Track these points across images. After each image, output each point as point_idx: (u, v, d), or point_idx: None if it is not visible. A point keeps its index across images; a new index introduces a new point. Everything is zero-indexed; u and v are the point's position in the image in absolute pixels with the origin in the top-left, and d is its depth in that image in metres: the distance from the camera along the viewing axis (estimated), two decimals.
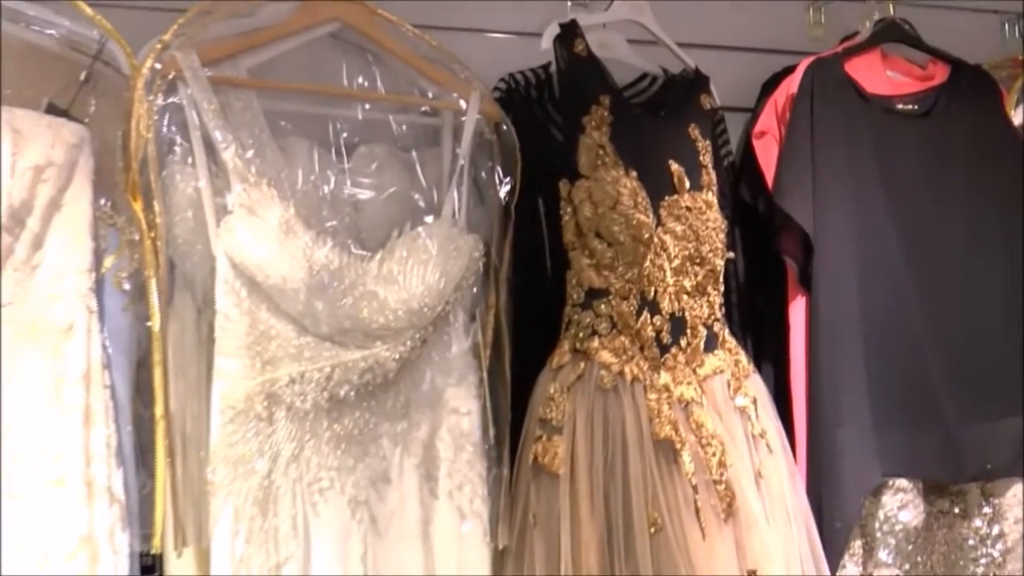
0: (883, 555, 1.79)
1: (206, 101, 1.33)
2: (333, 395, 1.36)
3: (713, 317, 1.69)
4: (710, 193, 1.71)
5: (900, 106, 1.97)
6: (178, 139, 1.36)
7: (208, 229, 1.32)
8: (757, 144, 1.88)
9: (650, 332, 1.58)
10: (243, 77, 1.42)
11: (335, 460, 1.37)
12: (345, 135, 1.52)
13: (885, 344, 1.81)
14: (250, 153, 1.36)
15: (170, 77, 1.35)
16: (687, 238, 1.64)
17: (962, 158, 1.94)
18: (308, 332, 1.35)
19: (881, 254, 1.83)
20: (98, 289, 1.28)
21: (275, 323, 1.33)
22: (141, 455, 1.30)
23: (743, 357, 1.73)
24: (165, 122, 1.35)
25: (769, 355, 1.88)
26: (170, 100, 1.35)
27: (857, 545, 1.78)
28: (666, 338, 1.60)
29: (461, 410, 1.50)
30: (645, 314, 1.58)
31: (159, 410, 1.29)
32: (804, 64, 1.88)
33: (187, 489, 1.30)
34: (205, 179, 1.34)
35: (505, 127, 1.61)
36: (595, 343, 1.55)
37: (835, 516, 1.72)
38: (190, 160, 1.35)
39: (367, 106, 1.53)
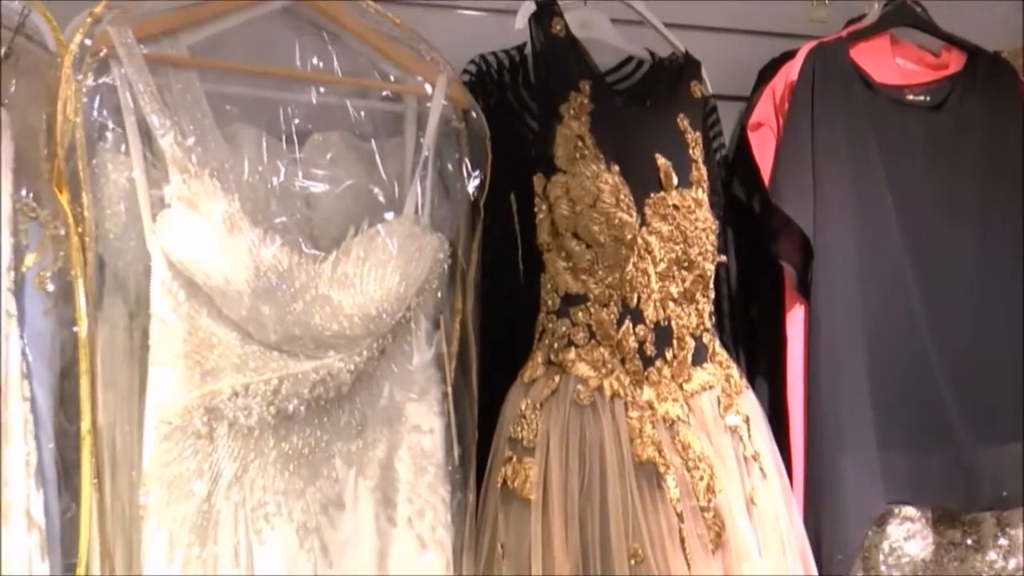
0: None
1: (142, 82, 1.34)
2: (281, 410, 1.37)
3: (702, 327, 1.72)
4: (700, 190, 1.74)
5: (910, 97, 2.01)
6: (110, 124, 1.36)
7: (143, 224, 1.32)
8: (753, 137, 1.91)
9: (632, 343, 1.61)
10: (183, 56, 1.43)
11: (282, 482, 1.38)
12: (297, 122, 1.53)
13: (890, 359, 1.85)
14: (191, 140, 1.37)
15: (101, 55, 1.34)
16: (674, 239, 1.67)
17: (977, 155, 1.98)
18: (253, 340, 1.35)
19: (887, 260, 1.87)
20: (17, 290, 1.28)
21: (217, 330, 1.33)
22: (65, 475, 1.30)
23: (735, 371, 1.77)
24: (96, 105, 1.35)
25: (764, 369, 1.92)
26: (101, 80, 1.35)
27: None
28: (650, 350, 1.63)
29: (423, 428, 1.52)
30: (627, 323, 1.61)
31: (85, 425, 1.29)
32: (805, 49, 1.92)
33: (116, 513, 1.30)
34: (140, 169, 1.34)
35: (474, 114, 1.63)
36: (571, 354, 1.57)
37: (835, 547, 1.75)
38: (123, 147, 1.35)
39: (322, 90, 1.55)
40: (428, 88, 1.59)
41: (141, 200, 1.33)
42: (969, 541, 1.94)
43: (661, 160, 1.69)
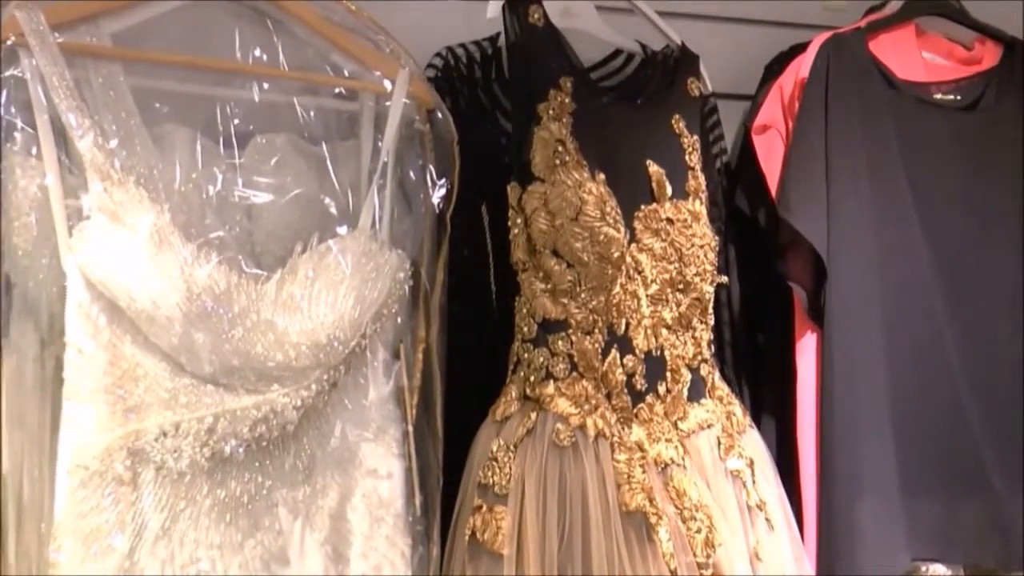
0: None
1: (56, 75, 1.33)
2: (216, 452, 1.37)
3: (700, 357, 1.74)
4: (697, 202, 1.77)
5: (938, 96, 2.04)
6: (19, 123, 1.35)
7: (57, 239, 1.32)
8: (758, 141, 1.94)
9: (620, 375, 1.63)
10: (105, 46, 1.42)
11: (218, 535, 1.38)
12: (237, 122, 1.52)
13: (916, 395, 1.88)
14: (113, 143, 1.36)
15: (8, 43, 1.33)
16: (668, 258, 1.69)
17: (1016, 163, 2.01)
18: (185, 372, 1.35)
19: (911, 282, 1.90)
20: None
21: (142, 360, 1.33)
22: None
23: (737, 408, 1.79)
24: (2, 101, 1.34)
25: (771, 406, 1.95)
26: (9, 72, 1.33)
27: None
28: (640, 383, 1.65)
29: (380, 472, 1.52)
30: (613, 353, 1.63)
31: None
32: (818, 41, 1.95)
33: (22, 571, 1.30)
34: (54, 175, 1.33)
35: (440, 115, 1.64)
36: (550, 388, 1.59)
37: None
38: (34, 150, 1.34)
39: (265, 86, 1.55)
40: (387, 84, 1.59)
41: (55, 211, 1.32)
42: None
43: (653, 167, 1.72)
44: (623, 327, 1.63)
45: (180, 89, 1.50)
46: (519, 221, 1.62)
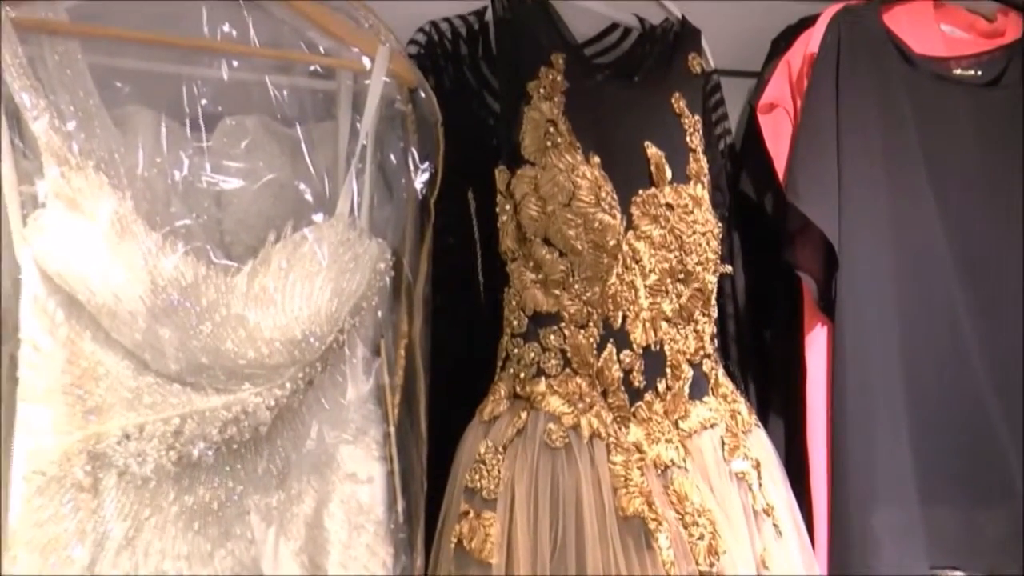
0: None
1: (9, 52, 1.32)
2: (183, 456, 1.37)
3: (702, 352, 1.75)
4: (699, 186, 1.77)
5: (958, 71, 2.04)
6: None
7: (11, 228, 1.32)
8: (764, 120, 1.94)
9: (616, 372, 1.63)
10: (62, 21, 1.42)
11: (185, 545, 1.38)
12: (204, 103, 1.53)
13: (935, 393, 1.88)
14: (71, 125, 1.36)
15: None
16: (668, 246, 1.70)
17: None
18: (150, 370, 1.35)
19: (929, 272, 1.91)
20: None
21: (103, 357, 1.33)
22: None
23: (742, 406, 1.80)
24: None
25: (778, 404, 1.95)
26: None
27: None
28: (638, 380, 1.66)
29: (359, 476, 1.53)
30: (609, 347, 1.63)
31: None
32: (828, 14, 1.95)
33: None
34: (7, 159, 1.33)
35: (423, 94, 1.65)
36: (541, 386, 1.59)
37: None
38: None
39: (235, 63, 1.55)
40: (366, 62, 1.59)
41: (8, 198, 1.32)
42: None
43: (652, 149, 1.72)
44: (620, 320, 1.63)
45: (143, 67, 1.50)
46: (508, 207, 1.62)
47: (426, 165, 1.63)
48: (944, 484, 1.87)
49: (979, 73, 2.05)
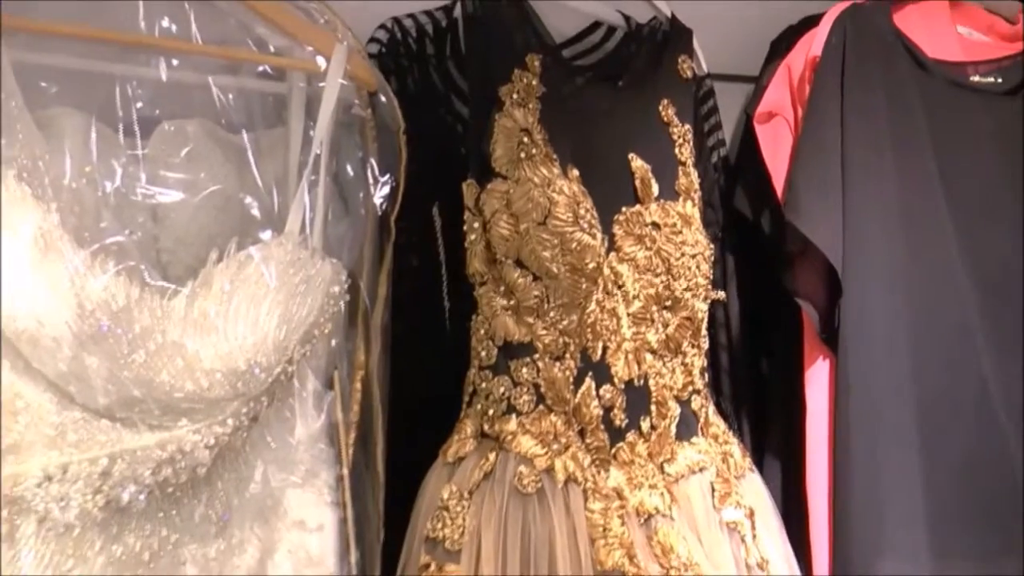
0: None
1: None
2: (112, 500, 1.36)
3: (691, 388, 1.76)
4: (689, 203, 1.79)
5: (976, 78, 2.06)
6: None
7: None
8: (762, 131, 1.96)
9: (595, 409, 1.64)
10: None
11: None
12: (140, 105, 1.53)
13: (950, 434, 1.89)
14: None
15: None
16: (653, 269, 1.71)
17: None
18: (75, 404, 1.34)
19: (943, 300, 1.91)
20: None
21: (23, 389, 1.32)
22: None
23: (736, 448, 1.80)
24: None
25: (775, 446, 1.96)
26: None
27: None
28: (620, 418, 1.67)
29: (308, 524, 1.53)
30: (588, 382, 1.64)
31: None
32: (833, 13, 1.97)
33: None
34: None
35: (384, 98, 1.65)
36: (512, 425, 1.59)
37: None
38: None
39: (175, 62, 1.55)
40: (321, 62, 1.60)
41: None
42: None
43: (637, 162, 1.74)
44: (599, 352, 1.65)
45: (71, 65, 1.49)
46: (477, 225, 1.63)
47: (387, 177, 1.63)
48: (959, 535, 1.87)
49: (999, 80, 2.07)
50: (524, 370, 1.60)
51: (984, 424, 1.91)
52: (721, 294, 1.84)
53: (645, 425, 1.69)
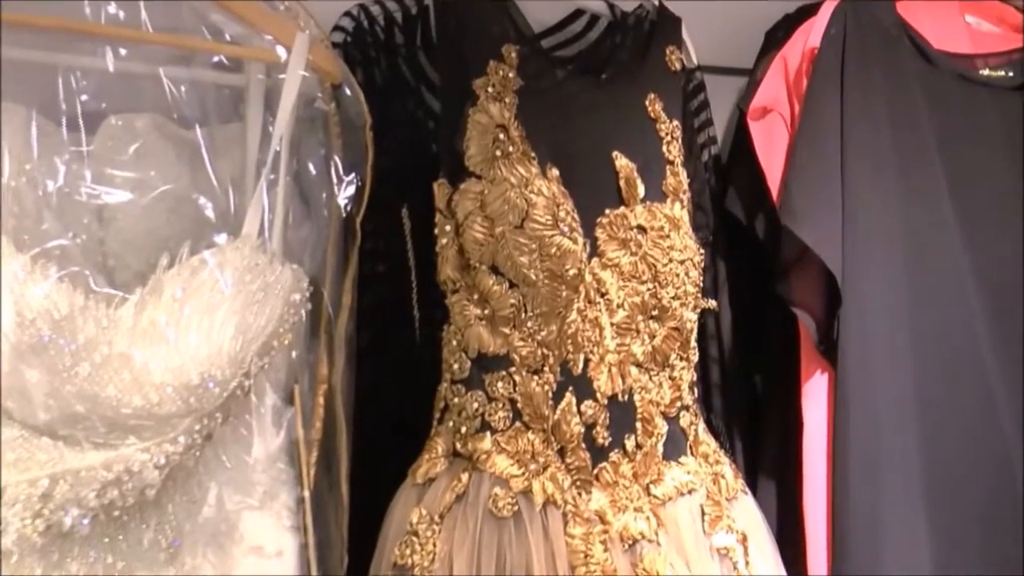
0: None
1: None
2: (53, 525, 1.35)
3: (680, 403, 1.77)
4: (677, 205, 1.79)
5: (986, 72, 2.08)
6: None
7: None
8: (756, 128, 1.96)
9: (576, 426, 1.64)
10: None
11: None
12: (85, 98, 1.53)
13: (956, 454, 1.90)
14: None
15: None
16: (639, 276, 1.71)
17: None
18: (13, 421, 1.34)
19: (950, 309, 1.93)
20: None
21: None
22: None
23: (727, 468, 1.81)
24: None
25: (770, 466, 1.96)
26: None
27: None
28: (602, 437, 1.67)
29: (267, 550, 1.53)
30: (568, 397, 1.64)
31: None
32: (833, 2, 1.98)
33: None
34: None
35: (349, 91, 1.66)
36: (486, 443, 1.59)
37: None
38: None
39: (122, 52, 1.55)
40: (281, 52, 1.60)
41: None
42: None
43: (621, 161, 1.74)
44: (581, 365, 1.65)
45: (10, 55, 1.48)
46: (448, 228, 1.63)
47: (352, 177, 1.64)
48: (963, 560, 1.88)
49: (1010, 74, 2.08)
50: (499, 384, 1.61)
51: (990, 442, 1.92)
52: (712, 303, 1.84)
53: (630, 444, 1.69)
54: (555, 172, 1.63)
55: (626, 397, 1.69)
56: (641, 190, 1.74)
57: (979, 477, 1.91)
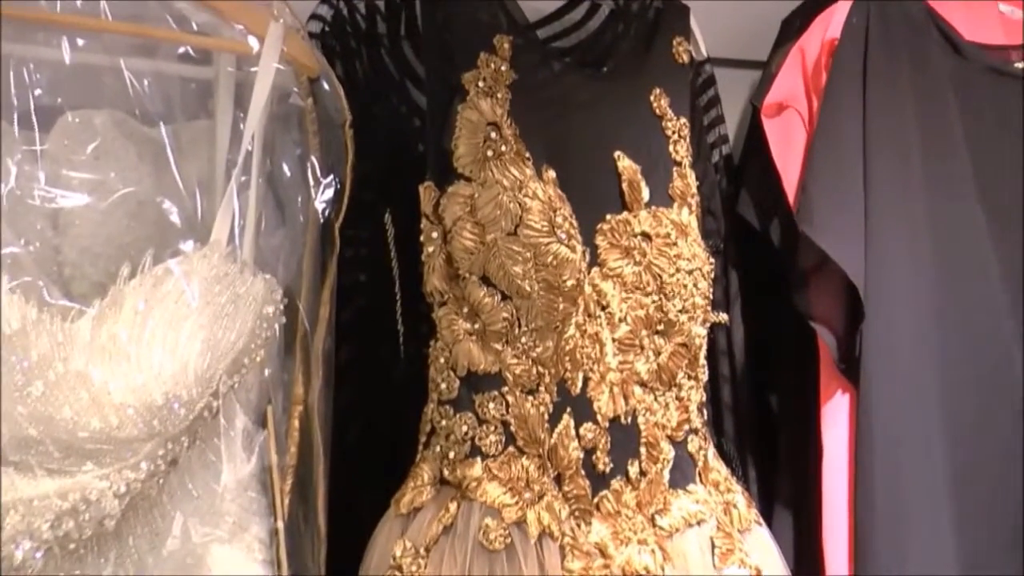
0: None
1: None
2: (5, 558, 1.35)
3: (688, 426, 1.77)
4: (685, 210, 1.80)
5: (1020, 64, 2.08)
6: None
7: None
8: (771, 125, 1.97)
9: (575, 452, 1.65)
10: None
11: None
12: (39, 93, 1.52)
13: (989, 481, 1.90)
14: None
15: None
16: (643, 288, 1.72)
17: None
18: None
19: (982, 322, 1.93)
20: None
21: None
22: None
23: (740, 497, 1.81)
24: None
25: (786, 494, 1.97)
26: None
27: None
28: (603, 462, 1.67)
29: None
30: (566, 420, 1.65)
31: None
32: None
33: None
34: None
35: (327, 86, 1.66)
36: (476, 469, 1.59)
37: None
38: None
39: (81, 42, 1.55)
40: (253, 43, 1.60)
41: None
42: None
43: (624, 162, 1.75)
44: (580, 384, 1.65)
45: None
46: (435, 235, 1.62)
47: (330, 179, 1.64)
48: None
49: None
50: (491, 405, 1.60)
51: None
52: (723, 317, 1.85)
53: (633, 470, 1.69)
54: (552, 174, 1.64)
55: (629, 419, 1.70)
56: (645, 194, 1.75)
57: (1016, 507, 1.91)
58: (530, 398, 1.61)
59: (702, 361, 1.79)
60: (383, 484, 1.65)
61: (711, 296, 1.80)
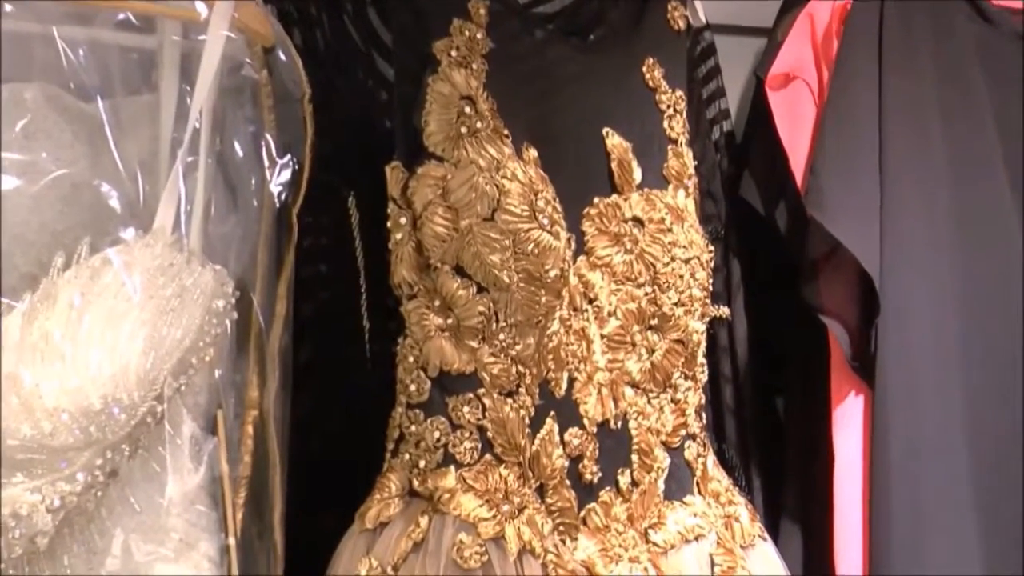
0: None
1: None
2: None
3: (684, 432, 1.78)
4: (682, 192, 1.81)
5: None
6: None
7: None
8: (776, 99, 1.97)
9: (559, 460, 1.65)
10: None
11: None
12: None
13: (1013, 485, 1.92)
14: None
15: None
16: (635, 278, 1.73)
17: None
18: None
19: (1005, 315, 1.94)
20: None
21: None
22: None
23: (742, 510, 1.82)
24: None
25: (794, 506, 1.97)
26: None
27: None
28: (591, 472, 1.68)
29: None
30: (549, 424, 1.65)
31: None
32: None
33: None
34: None
35: (284, 57, 1.66)
36: (449, 480, 1.59)
37: None
38: None
39: (8, 7, 1.54)
40: (201, 8, 1.59)
41: None
42: None
43: (614, 139, 1.76)
44: (564, 385, 1.66)
45: None
46: (404, 221, 1.62)
47: (287, 159, 1.63)
48: None
49: None
50: (465, 409, 1.60)
51: None
52: (723, 310, 1.85)
53: (624, 480, 1.70)
54: (533, 153, 1.64)
55: (619, 424, 1.70)
56: (637, 174, 1.75)
57: None
58: (509, 401, 1.61)
59: (700, 359, 1.80)
60: (346, 497, 1.65)
61: (710, 288, 1.80)
